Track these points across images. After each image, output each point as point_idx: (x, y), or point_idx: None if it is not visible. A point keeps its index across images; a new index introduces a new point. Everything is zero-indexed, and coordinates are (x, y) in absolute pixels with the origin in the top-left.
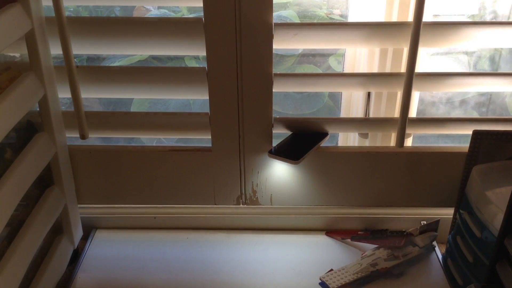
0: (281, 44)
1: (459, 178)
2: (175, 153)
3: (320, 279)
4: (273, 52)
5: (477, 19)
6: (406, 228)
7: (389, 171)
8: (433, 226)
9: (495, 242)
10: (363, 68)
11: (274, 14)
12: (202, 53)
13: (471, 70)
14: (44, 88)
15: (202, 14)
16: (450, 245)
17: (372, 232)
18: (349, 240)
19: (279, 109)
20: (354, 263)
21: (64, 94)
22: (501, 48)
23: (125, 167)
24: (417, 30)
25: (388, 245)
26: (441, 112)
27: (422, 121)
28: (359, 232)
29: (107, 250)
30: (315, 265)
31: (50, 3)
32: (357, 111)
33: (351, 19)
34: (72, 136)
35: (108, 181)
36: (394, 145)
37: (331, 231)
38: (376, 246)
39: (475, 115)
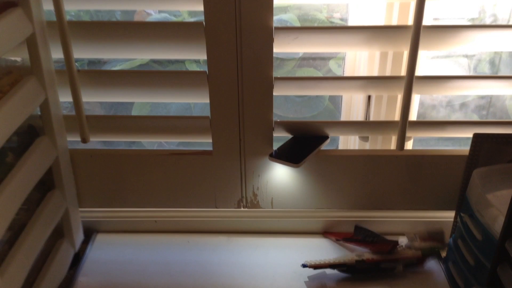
0: (281, 47)
1: (460, 181)
2: (176, 157)
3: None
4: (274, 55)
5: (477, 23)
6: (406, 231)
7: (390, 174)
8: (435, 236)
9: (496, 245)
10: (363, 71)
11: (275, 17)
12: (203, 56)
13: (471, 73)
14: (45, 92)
15: (203, 18)
16: (451, 248)
17: (364, 236)
18: (342, 241)
19: (279, 113)
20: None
21: (65, 98)
22: (501, 51)
23: (126, 170)
24: (417, 33)
25: (374, 250)
26: (441, 115)
27: (423, 124)
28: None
29: (108, 254)
30: None
31: (51, 7)
32: (358, 114)
33: (351, 22)
34: (73, 139)
35: (109, 184)
36: (395, 148)
37: (329, 232)
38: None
39: (475, 118)
